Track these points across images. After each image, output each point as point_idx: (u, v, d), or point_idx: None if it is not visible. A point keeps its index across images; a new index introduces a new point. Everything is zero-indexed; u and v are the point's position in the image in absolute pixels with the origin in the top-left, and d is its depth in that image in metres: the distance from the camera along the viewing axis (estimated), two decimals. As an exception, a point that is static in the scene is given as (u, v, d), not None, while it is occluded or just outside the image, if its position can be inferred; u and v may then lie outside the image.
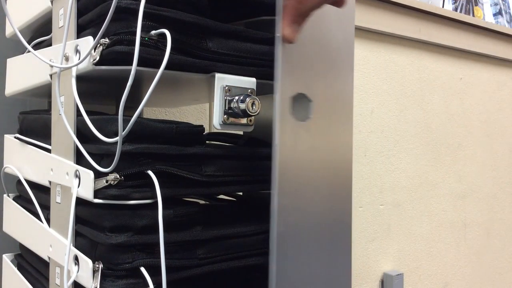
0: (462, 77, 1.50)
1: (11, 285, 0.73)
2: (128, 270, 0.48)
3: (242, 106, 0.50)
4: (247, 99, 0.50)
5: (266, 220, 0.52)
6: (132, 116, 0.44)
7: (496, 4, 1.70)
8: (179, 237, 0.51)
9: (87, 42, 0.49)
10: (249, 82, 0.54)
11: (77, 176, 0.51)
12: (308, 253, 0.53)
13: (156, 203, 0.48)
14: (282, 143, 0.50)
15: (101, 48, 0.47)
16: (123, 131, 0.44)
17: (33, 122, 0.68)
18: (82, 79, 0.52)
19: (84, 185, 0.50)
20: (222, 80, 0.52)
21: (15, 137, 0.71)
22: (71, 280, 0.51)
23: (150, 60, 0.47)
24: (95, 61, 0.47)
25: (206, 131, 0.69)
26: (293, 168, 0.51)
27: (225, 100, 0.51)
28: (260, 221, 0.56)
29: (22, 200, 0.72)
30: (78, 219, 0.53)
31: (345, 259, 0.58)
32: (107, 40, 0.47)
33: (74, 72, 0.51)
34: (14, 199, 0.74)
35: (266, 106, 0.56)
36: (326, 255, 0.55)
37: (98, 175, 0.48)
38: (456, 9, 1.56)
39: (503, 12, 1.71)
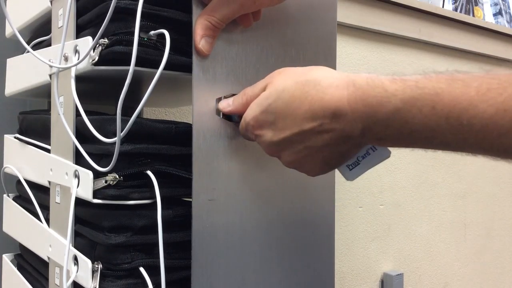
0: (462, 77, 1.49)
1: (11, 285, 0.73)
2: (127, 270, 0.48)
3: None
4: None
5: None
6: (131, 116, 0.44)
7: (496, 4, 1.70)
8: (178, 237, 0.51)
9: (86, 42, 0.49)
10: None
11: (77, 176, 0.51)
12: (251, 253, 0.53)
13: (155, 203, 0.48)
14: (204, 143, 0.50)
15: (100, 48, 0.47)
16: (121, 131, 0.44)
17: (33, 122, 0.68)
18: (82, 79, 0.52)
19: (83, 185, 0.50)
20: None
21: (15, 137, 0.71)
22: (70, 280, 0.51)
23: (149, 60, 0.47)
24: (94, 61, 0.47)
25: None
26: (224, 168, 0.51)
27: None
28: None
29: (22, 200, 0.72)
30: (77, 219, 0.53)
31: (322, 263, 0.58)
32: (106, 40, 0.47)
33: (73, 72, 0.51)
34: (14, 199, 0.74)
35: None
36: (285, 258, 0.55)
37: (97, 175, 0.48)
38: (456, 9, 1.56)
39: (503, 12, 1.71)
